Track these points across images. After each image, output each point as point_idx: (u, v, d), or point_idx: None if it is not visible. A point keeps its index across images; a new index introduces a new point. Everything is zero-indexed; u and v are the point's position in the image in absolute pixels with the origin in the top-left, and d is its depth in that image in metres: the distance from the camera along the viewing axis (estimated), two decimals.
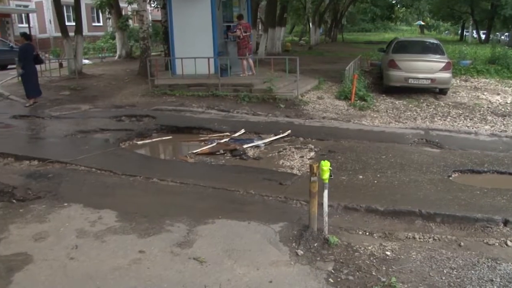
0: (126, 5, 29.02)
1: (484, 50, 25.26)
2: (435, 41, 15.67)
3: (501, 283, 3.89)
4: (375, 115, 11.23)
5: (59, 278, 3.92)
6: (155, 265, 4.10)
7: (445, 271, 4.08)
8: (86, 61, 21.52)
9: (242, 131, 9.29)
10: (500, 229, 5.05)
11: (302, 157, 7.65)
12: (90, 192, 5.98)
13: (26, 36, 13.34)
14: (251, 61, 14.20)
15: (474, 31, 52.18)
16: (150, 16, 24.49)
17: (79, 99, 13.22)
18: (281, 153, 7.97)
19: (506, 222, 5.10)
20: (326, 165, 4.39)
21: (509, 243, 4.71)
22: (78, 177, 6.59)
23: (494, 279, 3.95)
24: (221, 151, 7.99)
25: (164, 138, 9.26)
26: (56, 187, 6.11)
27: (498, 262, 4.27)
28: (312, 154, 7.80)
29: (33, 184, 6.21)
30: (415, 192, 5.95)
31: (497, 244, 4.71)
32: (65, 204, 5.52)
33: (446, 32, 72.75)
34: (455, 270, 4.10)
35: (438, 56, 13.87)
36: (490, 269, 4.12)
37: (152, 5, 24.60)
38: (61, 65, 17.53)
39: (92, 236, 4.68)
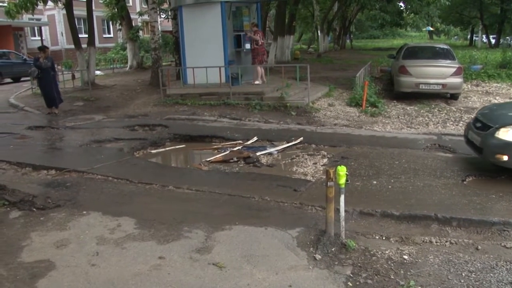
0: (136, 16, 29.37)
1: (494, 54, 25.18)
2: (445, 46, 15.68)
3: None
4: (386, 121, 11.25)
5: (81, 285, 3.98)
6: (175, 271, 4.16)
7: (463, 274, 4.09)
8: (98, 72, 21.77)
9: (255, 138, 9.35)
10: None
11: (315, 163, 7.69)
12: (108, 200, 6.06)
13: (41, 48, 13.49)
14: (262, 69, 14.30)
15: (484, 36, 52.00)
16: (160, 27, 24.72)
17: (92, 109, 13.39)
18: (294, 160, 8.02)
19: None
20: (342, 170, 4.44)
21: None
22: (96, 185, 6.69)
23: None
24: (235, 159, 8.05)
25: (177, 146, 9.34)
26: (75, 195, 6.21)
27: None
28: (325, 160, 7.83)
29: (52, 193, 6.32)
30: (430, 197, 5.97)
31: None
32: (84, 212, 5.61)
33: (455, 37, 72.53)
34: (474, 273, 4.11)
35: (448, 61, 13.89)
36: (509, 272, 4.13)
37: (163, 16, 24.87)
38: (73, 77, 17.76)
39: (112, 243, 4.76)
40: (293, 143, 8.96)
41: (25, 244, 4.79)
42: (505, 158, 6.39)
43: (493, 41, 47.92)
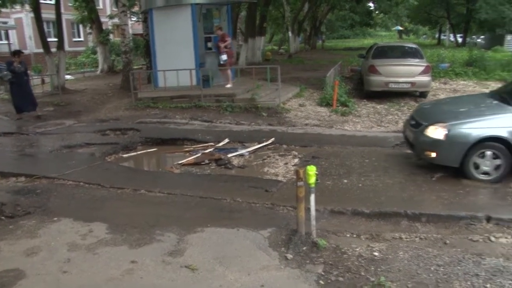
0: (107, 19, 29.03)
1: (461, 53, 25.81)
2: (414, 46, 15.97)
3: (486, 277, 4.04)
4: (357, 120, 11.41)
5: None
6: (147, 275, 4.16)
7: (432, 268, 4.20)
8: (68, 77, 21.46)
9: (226, 140, 9.38)
10: (483, 226, 5.23)
11: (286, 164, 7.76)
12: (79, 206, 6.01)
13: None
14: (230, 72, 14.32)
15: (451, 35, 53.11)
16: (130, 30, 24.49)
17: (63, 114, 13.21)
18: (265, 160, 8.08)
19: (488, 219, 5.30)
20: (312, 170, 4.51)
21: (492, 238, 4.90)
22: (67, 191, 6.61)
23: (479, 274, 4.09)
24: (206, 161, 8.08)
25: (149, 150, 9.31)
26: (45, 202, 6.13)
27: (483, 257, 4.42)
28: (296, 160, 7.91)
29: (21, 200, 6.21)
30: (400, 194, 6.10)
31: (481, 240, 4.90)
32: (55, 218, 5.55)
33: (424, 36, 73.83)
34: (442, 267, 4.23)
35: (417, 60, 14.16)
36: (475, 264, 4.27)
37: (133, 19, 24.65)
38: (43, 81, 17.45)
39: (84, 249, 4.73)
40: (265, 144, 9.02)
41: None
42: (433, 154, 6.68)
43: (460, 40, 48.99)
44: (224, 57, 13.71)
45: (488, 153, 6.41)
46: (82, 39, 40.07)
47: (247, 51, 23.67)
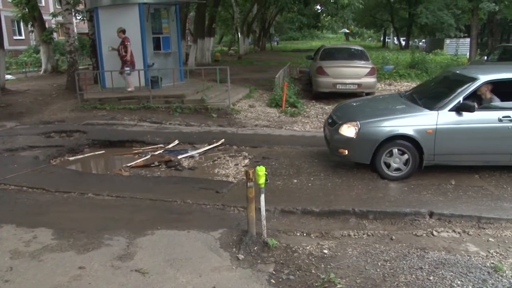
0: (50, 17, 28.13)
1: (404, 55, 26.67)
2: (360, 48, 16.37)
3: (429, 270, 4.22)
4: (306, 121, 11.57)
5: None
6: (96, 280, 4.06)
7: (379, 264, 4.34)
8: (9, 77, 20.63)
9: (176, 142, 9.29)
10: (426, 221, 5.46)
11: (236, 165, 7.77)
12: (23, 211, 5.78)
13: None
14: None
15: (395, 38, 54.89)
16: (76, 29, 23.86)
17: (3, 116, 12.66)
18: (215, 162, 8.06)
19: (431, 214, 5.54)
20: (261, 170, 4.53)
21: (435, 233, 5.14)
22: (8, 196, 6.35)
23: (423, 267, 4.28)
24: (156, 163, 7.97)
25: (96, 152, 9.08)
26: None
27: (426, 251, 4.63)
28: (247, 161, 7.94)
29: None
30: (348, 193, 6.24)
31: (425, 235, 5.12)
32: None
33: (370, 39, 75.92)
34: (389, 262, 4.38)
35: (363, 62, 14.52)
36: (419, 258, 4.45)
37: (78, 17, 23.99)
38: None
39: (28, 256, 4.55)
40: (215, 145, 9.00)
41: None
42: (346, 152, 6.94)
43: (403, 43, 50.70)
44: (128, 70, 13.28)
45: (396, 150, 6.71)
46: (23, 37, 38.66)
47: (196, 52, 23.54)
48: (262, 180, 4.55)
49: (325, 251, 4.66)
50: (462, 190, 6.26)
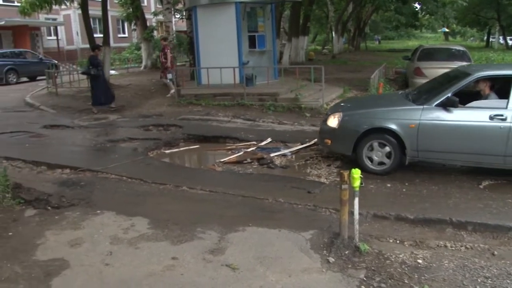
0: (151, 16, 29.51)
1: (511, 56, 24.92)
2: (461, 48, 15.55)
3: None
4: None
5: (95, 284, 4.01)
6: (188, 272, 4.16)
7: (479, 280, 4.03)
8: (113, 72, 21.87)
9: (269, 140, 9.33)
10: None
11: (329, 165, 7.64)
12: (122, 200, 6.10)
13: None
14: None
15: (501, 37, 51.47)
16: (174, 27, 24.80)
17: (107, 109, 13.46)
18: (308, 161, 7.98)
19: None
20: (357, 173, 4.40)
21: None
22: (110, 185, 6.73)
23: None
24: (248, 160, 8.05)
25: (191, 147, 9.36)
26: (89, 194, 6.26)
27: None
28: (339, 162, 7.78)
29: (66, 192, 6.37)
30: (445, 201, 5.90)
31: None
32: (98, 211, 5.65)
33: (472, 38, 71.92)
34: (490, 279, 4.05)
35: (464, 63, 13.71)
36: None
37: (177, 16, 24.92)
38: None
39: (126, 242, 4.78)
40: (307, 144, 8.92)
41: (40, 242, 4.84)
42: (329, 142, 7.22)
43: (510, 42, 47.42)
44: (170, 76, 13.92)
45: (377, 144, 6.79)
46: (126, 35, 40.86)
47: (291, 50, 23.56)
48: (357, 183, 4.42)
49: (419, 261, 4.42)
50: None
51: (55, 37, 34.36)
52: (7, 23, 29.36)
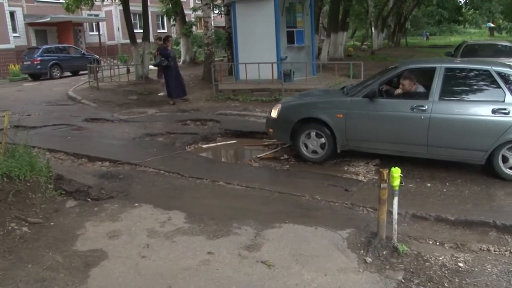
0: (190, 12, 29.73)
1: None
2: (508, 44, 15.00)
3: None
4: None
5: (132, 276, 4.06)
6: (223, 267, 4.16)
7: None
8: (152, 67, 22.15)
9: None
10: None
11: (367, 163, 7.50)
12: (159, 193, 6.16)
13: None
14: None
15: None
16: (213, 22, 24.93)
17: (145, 103, 13.67)
18: (345, 159, 7.86)
19: None
20: (397, 172, 4.30)
21: None
22: (148, 178, 6.81)
23: None
24: (285, 156, 8.00)
25: (228, 142, 9.39)
26: (127, 187, 6.35)
27: None
28: (377, 160, 7.63)
29: (105, 184, 6.49)
30: (488, 203, 5.70)
31: None
32: (136, 204, 5.72)
33: None
34: None
35: (511, 60, 13.27)
36: None
37: (216, 11, 25.03)
38: (128, 71, 18.16)
39: (163, 236, 4.82)
40: None
41: (79, 233, 4.95)
42: (271, 131, 7.80)
43: None
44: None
45: (313, 133, 7.24)
46: (166, 30, 41.27)
47: (329, 46, 23.33)
48: (396, 182, 4.31)
49: (460, 264, 4.27)
50: None
51: (97, 33, 35.12)
52: (52, 20, 30.18)
